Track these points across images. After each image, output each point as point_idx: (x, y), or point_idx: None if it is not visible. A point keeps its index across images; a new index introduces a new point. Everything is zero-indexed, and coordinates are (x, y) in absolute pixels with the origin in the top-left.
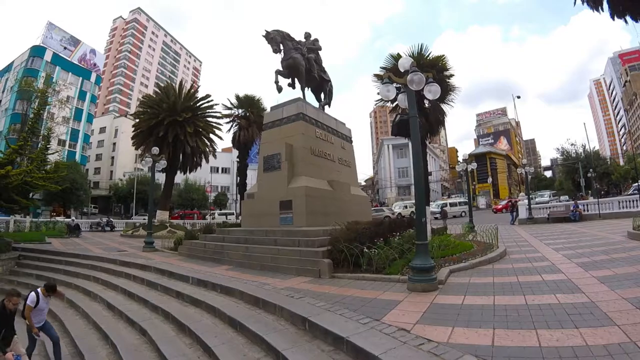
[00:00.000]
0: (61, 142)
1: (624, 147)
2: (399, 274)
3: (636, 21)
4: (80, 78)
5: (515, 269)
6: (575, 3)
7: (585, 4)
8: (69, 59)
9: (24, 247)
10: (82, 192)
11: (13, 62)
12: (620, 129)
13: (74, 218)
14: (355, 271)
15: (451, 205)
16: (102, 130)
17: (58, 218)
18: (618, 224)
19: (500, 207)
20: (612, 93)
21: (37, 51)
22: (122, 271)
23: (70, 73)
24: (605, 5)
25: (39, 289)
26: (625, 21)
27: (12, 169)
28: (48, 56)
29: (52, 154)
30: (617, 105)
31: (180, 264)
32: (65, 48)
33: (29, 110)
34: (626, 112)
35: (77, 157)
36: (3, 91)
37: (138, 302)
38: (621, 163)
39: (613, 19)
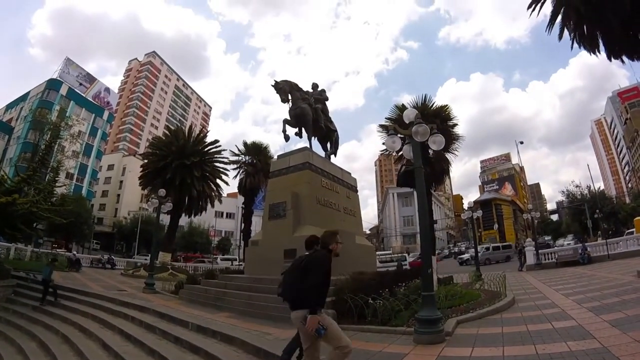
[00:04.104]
0: (69, 175)
1: (629, 185)
2: (405, 326)
3: (632, 60)
4: (93, 114)
5: (525, 317)
6: (572, 47)
7: (582, 47)
8: (84, 95)
9: (23, 276)
10: (86, 226)
11: (29, 92)
12: (624, 167)
13: (75, 252)
14: (360, 322)
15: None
16: (110, 167)
17: (59, 250)
18: (628, 264)
19: (415, 262)
20: (613, 132)
21: (53, 84)
22: (120, 311)
23: (83, 108)
24: (601, 47)
25: None
26: (622, 61)
27: (19, 197)
28: (64, 90)
29: (60, 186)
30: (619, 143)
31: (180, 308)
32: (80, 84)
33: (40, 140)
34: (629, 150)
35: (84, 192)
36: (17, 119)
37: (135, 344)
38: (627, 201)
39: (610, 60)
